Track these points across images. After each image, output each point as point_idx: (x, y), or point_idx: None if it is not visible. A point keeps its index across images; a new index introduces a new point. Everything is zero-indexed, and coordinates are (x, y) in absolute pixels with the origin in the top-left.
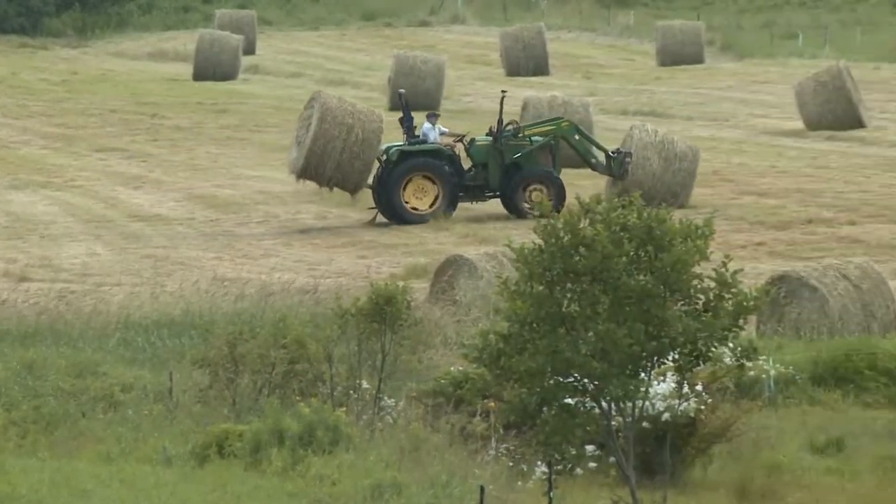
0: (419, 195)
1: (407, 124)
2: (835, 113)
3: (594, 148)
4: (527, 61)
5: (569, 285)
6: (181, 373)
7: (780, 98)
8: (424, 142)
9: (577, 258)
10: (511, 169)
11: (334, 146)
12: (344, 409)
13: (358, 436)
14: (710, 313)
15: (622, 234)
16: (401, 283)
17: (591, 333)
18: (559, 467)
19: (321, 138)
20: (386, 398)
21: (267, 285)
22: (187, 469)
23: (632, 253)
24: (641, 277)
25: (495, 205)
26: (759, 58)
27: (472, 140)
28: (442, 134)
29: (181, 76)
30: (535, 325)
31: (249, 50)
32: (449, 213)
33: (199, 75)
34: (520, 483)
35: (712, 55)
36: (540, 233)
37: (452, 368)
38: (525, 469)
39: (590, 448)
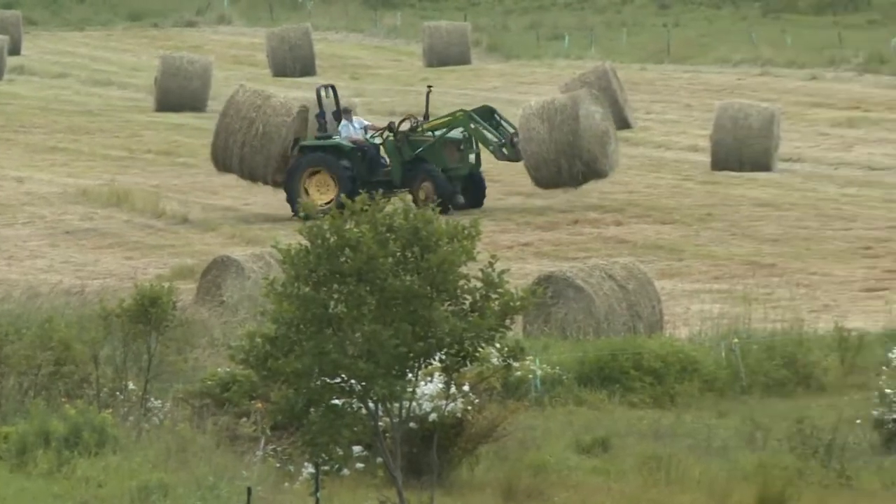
0: (322, 189)
1: (321, 120)
2: None
3: (490, 136)
4: (293, 62)
5: (335, 286)
6: None
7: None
8: (329, 137)
9: (344, 259)
10: (415, 164)
11: (235, 139)
12: (110, 410)
13: (124, 437)
14: (476, 314)
15: (388, 234)
16: (166, 284)
17: (357, 334)
18: (326, 468)
19: (223, 132)
20: (152, 399)
21: (33, 286)
22: None
23: (398, 254)
24: (408, 278)
25: (262, 206)
26: (525, 59)
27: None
28: (363, 127)
29: None
30: (301, 326)
31: (14, 50)
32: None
33: None
34: (287, 484)
35: (479, 56)
36: (306, 234)
37: (219, 369)
38: (292, 470)
39: (357, 449)
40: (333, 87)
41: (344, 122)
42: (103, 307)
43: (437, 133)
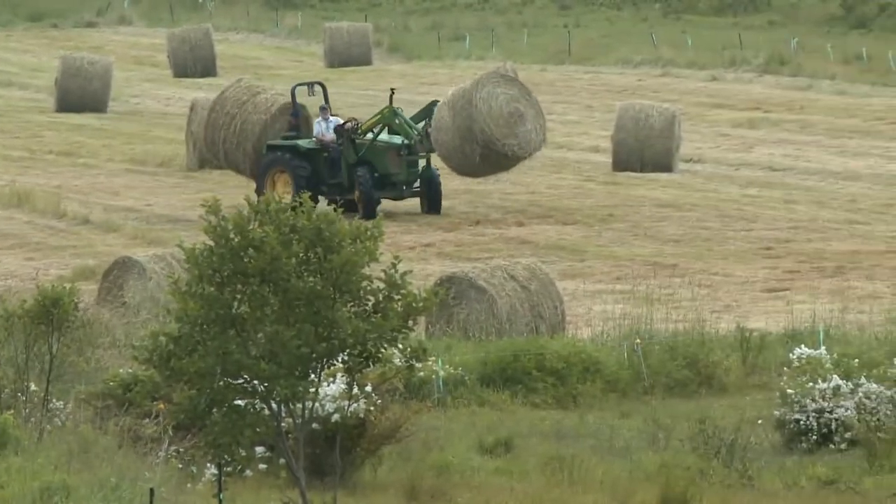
0: (287, 189)
1: (294, 119)
2: None
3: (411, 130)
4: (194, 63)
5: (239, 286)
6: None
7: None
8: (295, 136)
9: (247, 259)
10: (356, 168)
11: (219, 135)
12: (12, 411)
13: (26, 438)
14: (379, 315)
15: (291, 235)
16: (68, 285)
17: (260, 335)
18: (229, 469)
19: (209, 127)
20: (54, 400)
21: None
22: None
23: (301, 254)
24: (311, 279)
25: (163, 206)
26: (427, 59)
27: None
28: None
29: None
30: (205, 326)
31: None
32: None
33: None
34: (190, 485)
35: (380, 57)
36: (210, 234)
37: (121, 370)
38: (195, 471)
39: (260, 449)
40: (322, 85)
41: (318, 120)
42: (4, 308)
43: (374, 134)
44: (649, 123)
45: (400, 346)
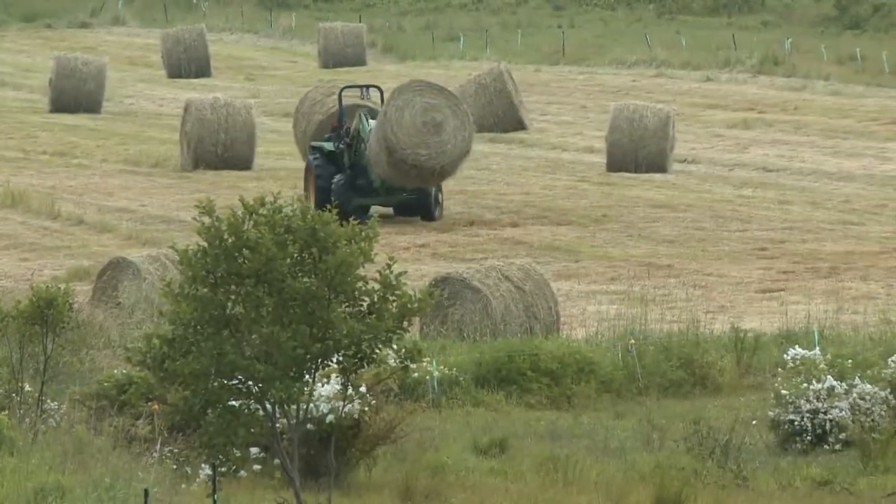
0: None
1: (338, 121)
2: (496, 115)
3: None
4: (188, 63)
5: (233, 287)
6: None
7: None
8: (329, 139)
9: (242, 260)
10: (342, 173)
11: (298, 134)
12: (6, 412)
13: (21, 439)
14: (374, 315)
15: (286, 235)
16: (63, 286)
17: (255, 336)
18: (223, 469)
19: (295, 125)
20: (49, 401)
21: None
22: None
23: (296, 255)
24: (306, 279)
25: (158, 207)
26: (421, 60)
27: None
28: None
29: None
30: (199, 327)
31: None
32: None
33: None
34: (184, 486)
35: (374, 57)
36: (204, 234)
37: (116, 371)
38: (189, 472)
39: (254, 450)
40: (379, 89)
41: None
42: None
43: (357, 138)
44: (643, 124)
45: (395, 346)
